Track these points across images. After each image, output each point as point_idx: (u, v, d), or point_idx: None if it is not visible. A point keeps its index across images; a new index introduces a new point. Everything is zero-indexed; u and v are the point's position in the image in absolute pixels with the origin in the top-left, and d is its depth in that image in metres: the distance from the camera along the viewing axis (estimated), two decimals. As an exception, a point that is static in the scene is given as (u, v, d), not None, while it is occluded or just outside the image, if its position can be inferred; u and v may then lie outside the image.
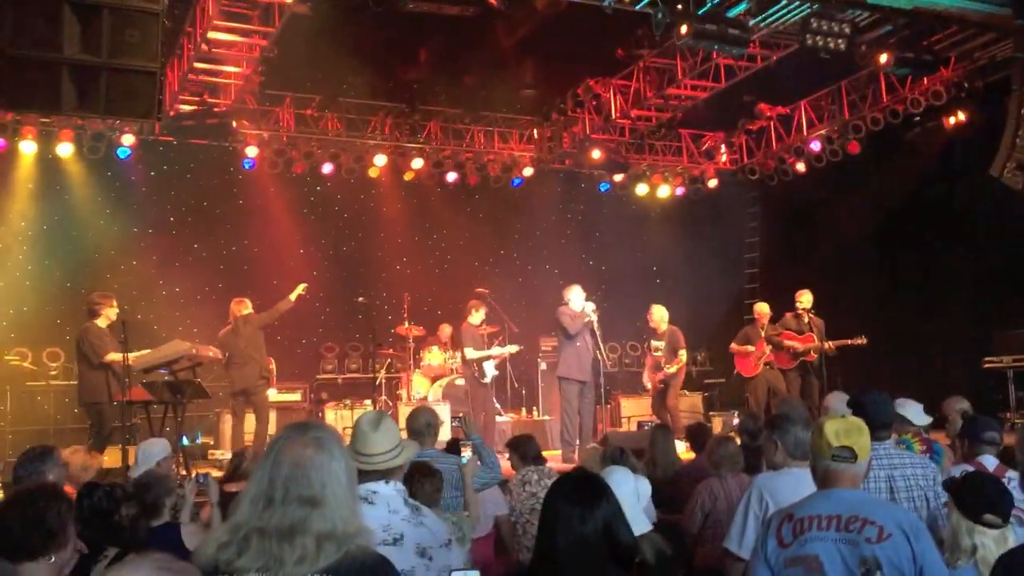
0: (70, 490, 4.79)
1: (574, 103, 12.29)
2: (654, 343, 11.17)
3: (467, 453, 4.92)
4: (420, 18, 9.47)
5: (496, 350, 11.17)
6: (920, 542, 2.93)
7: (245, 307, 9.79)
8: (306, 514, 2.22)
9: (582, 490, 2.80)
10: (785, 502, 3.51)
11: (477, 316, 10.97)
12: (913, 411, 5.24)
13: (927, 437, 5.38)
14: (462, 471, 4.84)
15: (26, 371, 10.83)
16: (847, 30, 9.15)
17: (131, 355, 8.11)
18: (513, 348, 11.39)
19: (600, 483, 2.89)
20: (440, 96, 12.57)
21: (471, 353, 10.82)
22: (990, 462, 4.54)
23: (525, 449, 5.96)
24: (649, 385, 11.19)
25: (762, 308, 11.47)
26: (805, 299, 10.90)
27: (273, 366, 10.42)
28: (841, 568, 2.93)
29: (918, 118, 11.74)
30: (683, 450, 7.76)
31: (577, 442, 9.80)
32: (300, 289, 9.92)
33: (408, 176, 13.20)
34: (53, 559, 3.02)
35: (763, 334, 11.15)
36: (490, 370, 11.01)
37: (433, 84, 12.10)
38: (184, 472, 7.79)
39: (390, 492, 3.10)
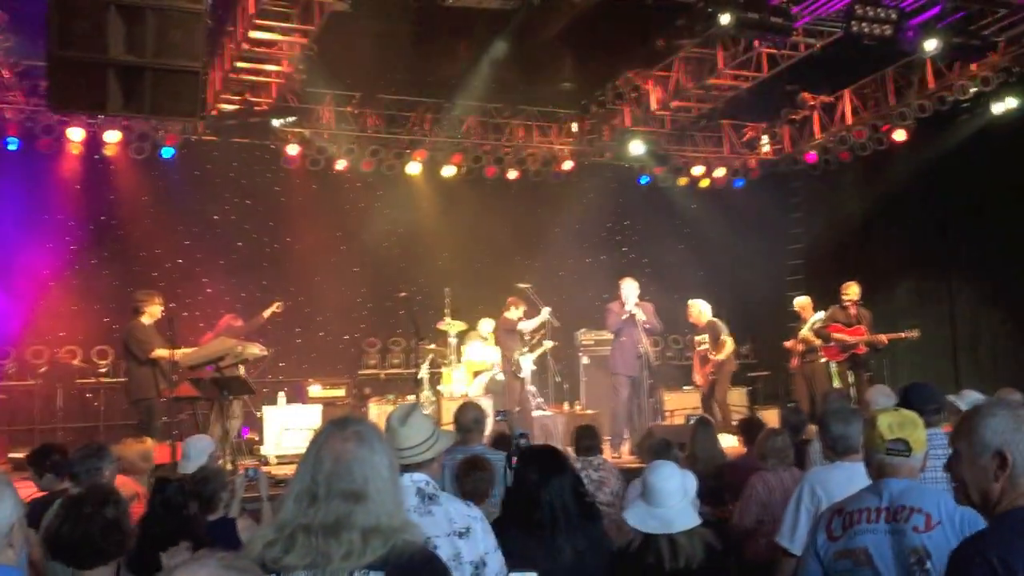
0: (130, 481, 4.89)
1: (613, 95, 12.19)
2: (697, 338, 11.17)
3: None
4: (458, 13, 9.45)
5: (526, 324, 11.11)
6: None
7: (233, 320, 9.95)
8: (350, 509, 2.22)
9: (544, 461, 3.66)
10: (837, 496, 3.44)
11: (515, 312, 11.03)
12: (970, 401, 5.10)
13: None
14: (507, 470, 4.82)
15: (76, 369, 11.01)
16: (893, 16, 8.98)
17: (178, 352, 8.21)
18: (548, 344, 11.41)
19: (559, 457, 3.75)
20: (479, 91, 12.53)
21: (505, 346, 11.00)
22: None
23: (580, 440, 6.16)
24: (700, 380, 11.14)
25: (801, 302, 11.39)
26: (852, 291, 10.76)
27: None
28: (891, 559, 2.87)
29: (966, 104, 11.49)
30: (735, 444, 7.67)
31: (626, 436, 9.78)
32: (275, 307, 10.00)
33: (448, 171, 13.21)
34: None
35: (802, 329, 11.07)
36: (527, 365, 11.03)
37: (471, 79, 12.06)
38: (230, 467, 7.86)
39: (403, 484, 3.07)
